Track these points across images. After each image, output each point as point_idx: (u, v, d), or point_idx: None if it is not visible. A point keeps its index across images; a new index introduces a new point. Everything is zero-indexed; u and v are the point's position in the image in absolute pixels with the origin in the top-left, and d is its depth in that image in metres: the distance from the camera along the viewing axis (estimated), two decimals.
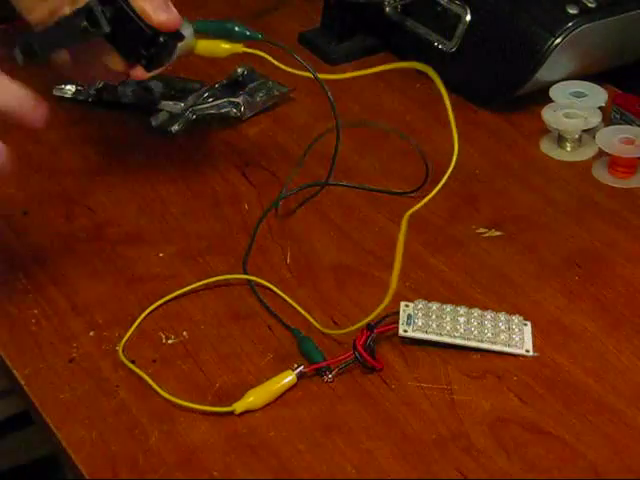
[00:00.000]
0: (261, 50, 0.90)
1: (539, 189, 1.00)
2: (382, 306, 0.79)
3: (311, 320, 0.84)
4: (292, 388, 0.79)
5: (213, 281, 0.88)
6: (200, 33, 0.90)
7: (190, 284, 0.88)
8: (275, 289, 0.87)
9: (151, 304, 0.86)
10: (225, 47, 0.90)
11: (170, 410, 0.78)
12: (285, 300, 0.87)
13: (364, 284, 0.89)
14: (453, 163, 0.92)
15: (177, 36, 0.87)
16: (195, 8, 1.09)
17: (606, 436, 0.76)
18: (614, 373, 0.81)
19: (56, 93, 1.11)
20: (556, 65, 1.06)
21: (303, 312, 0.85)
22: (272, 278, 0.89)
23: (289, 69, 0.91)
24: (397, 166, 1.02)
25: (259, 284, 0.88)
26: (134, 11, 0.85)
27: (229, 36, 0.90)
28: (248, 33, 0.91)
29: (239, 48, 0.90)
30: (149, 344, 0.83)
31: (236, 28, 0.91)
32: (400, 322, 0.82)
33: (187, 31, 0.88)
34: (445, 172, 0.93)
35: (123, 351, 0.82)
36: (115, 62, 0.88)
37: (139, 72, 0.88)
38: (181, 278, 0.89)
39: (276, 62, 0.90)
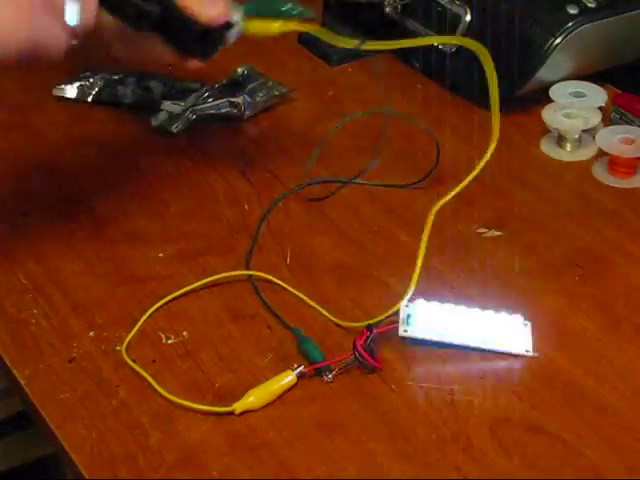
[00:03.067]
0: (312, 25, 0.88)
1: (539, 189, 1.00)
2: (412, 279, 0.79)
3: (325, 313, 0.85)
4: (292, 388, 0.79)
5: (213, 281, 0.88)
6: (249, 15, 0.87)
7: (190, 284, 0.88)
8: (278, 281, 0.88)
9: (151, 304, 0.86)
10: (277, 25, 0.87)
11: (170, 410, 0.78)
12: (285, 300, 0.87)
13: (364, 284, 0.89)
14: (489, 152, 0.89)
15: (228, 26, 0.85)
16: None
17: (606, 436, 0.76)
18: (614, 373, 0.81)
19: (56, 93, 1.11)
20: (556, 65, 1.06)
21: (316, 306, 0.85)
22: (272, 278, 0.89)
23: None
24: (397, 165, 1.02)
25: (260, 279, 0.88)
26: (181, 11, 0.83)
27: (279, 15, 0.87)
28: (300, 9, 0.88)
29: (292, 26, 0.88)
30: (149, 344, 0.83)
31: (288, 5, 0.88)
32: (400, 322, 0.82)
33: (237, 15, 0.85)
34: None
35: (124, 351, 0.82)
36: (167, 55, 0.87)
37: (194, 64, 0.86)
38: (181, 278, 0.89)
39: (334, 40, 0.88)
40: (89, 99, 1.10)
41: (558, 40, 1.04)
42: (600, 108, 1.05)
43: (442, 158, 0.98)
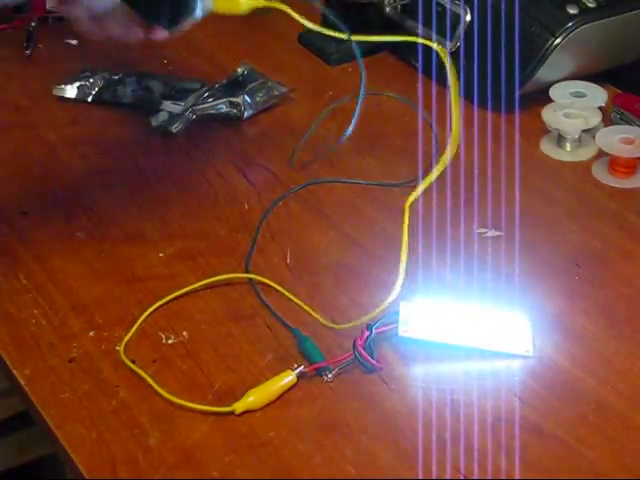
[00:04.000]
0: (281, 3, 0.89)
1: (539, 189, 1.00)
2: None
3: (317, 317, 0.84)
4: (292, 388, 0.79)
5: (213, 281, 0.88)
6: None
7: (190, 284, 0.88)
8: (277, 286, 0.87)
9: (151, 304, 0.86)
10: (244, 1, 0.88)
11: (170, 410, 0.78)
12: (285, 300, 0.87)
13: (364, 283, 0.89)
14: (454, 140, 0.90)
15: None
16: None
17: (606, 436, 0.76)
18: (614, 373, 0.81)
19: (56, 93, 1.11)
20: (556, 65, 1.06)
21: (308, 309, 0.85)
22: (272, 278, 0.89)
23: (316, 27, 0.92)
24: (396, 165, 1.02)
25: (259, 282, 0.88)
26: None
27: None
28: None
29: (259, 1, 0.88)
30: (149, 344, 0.83)
31: None
32: (400, 322, 0.82)
33: None
34: (446, 170, 0.93)
35: (124, 351, 0.82)
36: (134, 28, 0.86)
37: (160, 33, 0.86)
38: (181, 278, 0.89)
39: (297, 16, 0.90)
40: (89, 99, 1.11)
41: (558, 40, 1.04)
42: (600, 108, 1.05)
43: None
